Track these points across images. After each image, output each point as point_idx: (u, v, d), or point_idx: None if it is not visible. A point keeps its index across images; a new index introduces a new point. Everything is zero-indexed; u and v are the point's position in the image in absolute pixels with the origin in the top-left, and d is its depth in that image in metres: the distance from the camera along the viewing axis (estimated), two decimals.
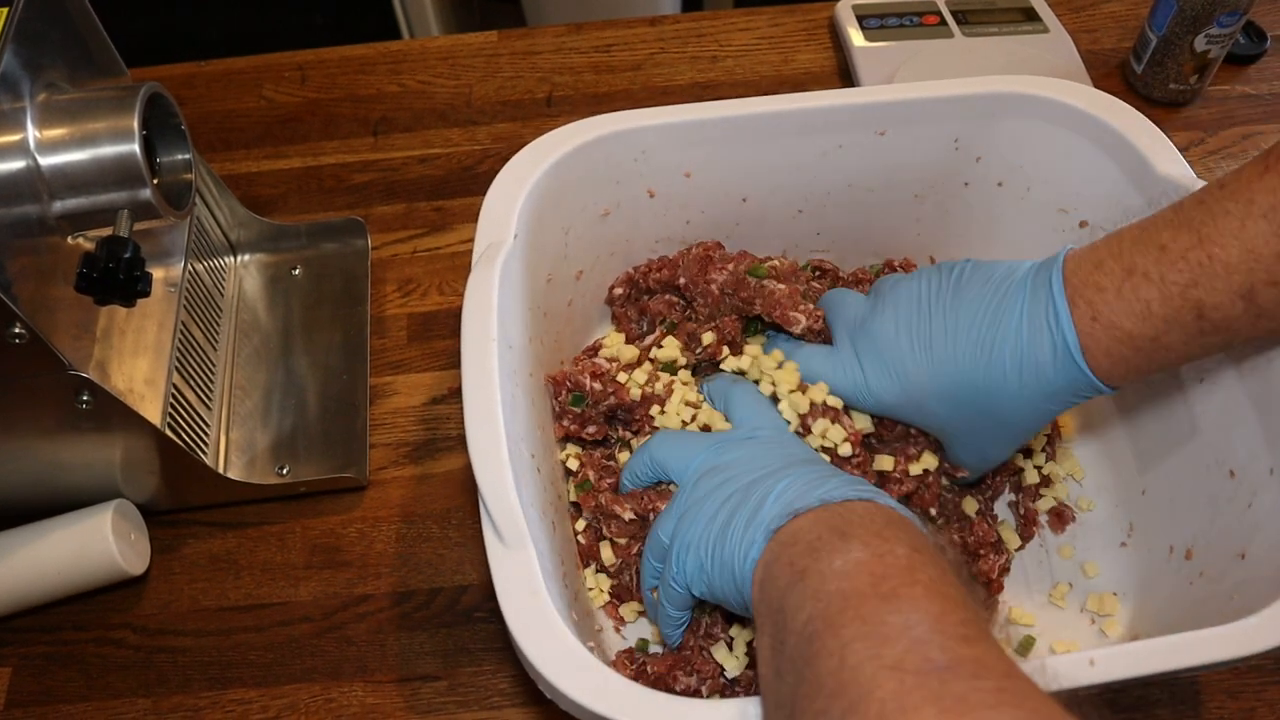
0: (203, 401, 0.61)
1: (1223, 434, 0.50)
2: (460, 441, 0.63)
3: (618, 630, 0.54)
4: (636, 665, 0.51)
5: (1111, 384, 0.44)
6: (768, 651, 0.36)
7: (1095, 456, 0.60)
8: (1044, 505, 0.57)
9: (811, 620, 0.33)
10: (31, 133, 0.46)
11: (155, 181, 0.49)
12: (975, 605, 0.34)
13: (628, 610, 0.54)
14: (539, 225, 0.54)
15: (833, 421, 0.51)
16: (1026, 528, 0.57)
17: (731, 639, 0.51)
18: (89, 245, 0.49)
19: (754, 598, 0.39)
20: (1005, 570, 0.55)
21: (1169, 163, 0.52)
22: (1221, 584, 0.47)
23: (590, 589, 0.55)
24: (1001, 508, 0.59)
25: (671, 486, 0.51)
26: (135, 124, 0.48)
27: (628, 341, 0.60)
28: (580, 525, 0.55)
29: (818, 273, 0.64)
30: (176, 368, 0.58)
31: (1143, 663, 0.39)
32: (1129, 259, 0.42)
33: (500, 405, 0.44)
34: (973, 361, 0.45)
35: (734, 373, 0.55)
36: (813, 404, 0.51)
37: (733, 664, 0.50)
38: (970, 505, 0.56)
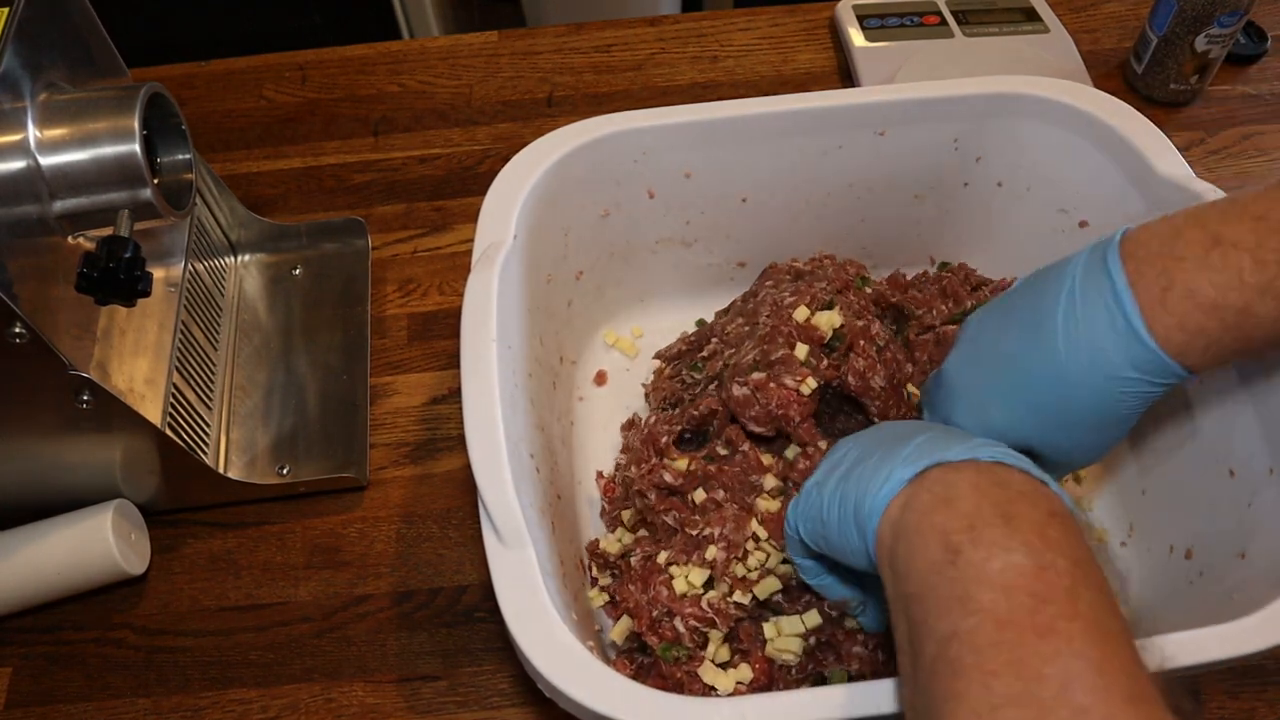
0: (203, 401, 0.61)
1: (1223, 434, 0.50)
2: (460, 441, 0.62)
3: None
4: (636, 665, 0.51)
5: (1189, 364, 0.40)
6: (905, 643, 0.33)
7: None
8: None
9: (956, 639, 0.30)
10: (32, 132, 0.46)
11: (156, 181, 0.49)
12: (1133, 636, 0.31)
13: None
14: (539, 225, 0.54)
15: None
16: None
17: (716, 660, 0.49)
18: (89, 245, 0.49)
19: (881, 554, 0.36)
20: None
21: (1169, 163, 0.52)
22: (1221, 583, 0.47)
23: (593, 584, 0.55)
24: None
25: None
26: (136, 124, 0.48)
27: None
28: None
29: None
30: (177, 368, 0.58)
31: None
32: (1215, 228, 0.38)
33: (500, 405, 0.44)
34: (1027, 359, 0.43)
35: None
36: None
37: (724, 681, 0.48)
38: None
